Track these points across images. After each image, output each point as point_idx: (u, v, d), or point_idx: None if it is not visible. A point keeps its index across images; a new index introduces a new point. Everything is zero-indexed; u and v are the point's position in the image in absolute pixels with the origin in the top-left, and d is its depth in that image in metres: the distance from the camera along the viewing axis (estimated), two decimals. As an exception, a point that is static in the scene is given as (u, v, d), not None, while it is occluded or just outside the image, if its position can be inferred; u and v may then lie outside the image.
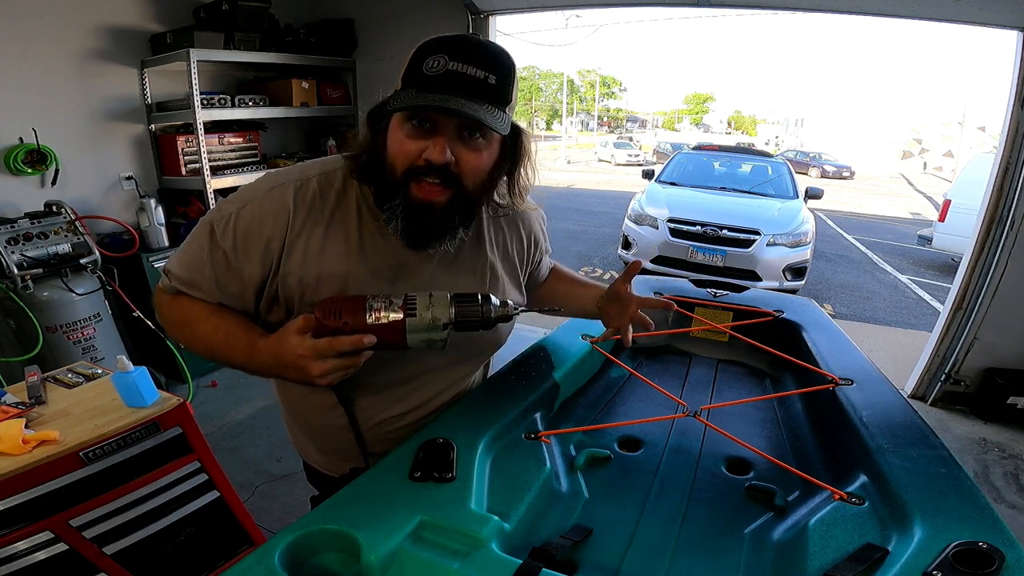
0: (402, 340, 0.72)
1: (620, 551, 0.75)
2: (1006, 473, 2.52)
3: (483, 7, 3.17)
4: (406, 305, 0.72)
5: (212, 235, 0.79)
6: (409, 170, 0.73)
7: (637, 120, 60.86)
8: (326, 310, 0.71)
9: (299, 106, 3.35)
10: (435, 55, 0.69)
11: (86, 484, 1.24)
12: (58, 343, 2.37)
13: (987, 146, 17.88)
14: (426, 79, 0.69)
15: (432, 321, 0.72)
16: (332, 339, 0.70)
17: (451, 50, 0.69)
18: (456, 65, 0.68)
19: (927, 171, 26.24)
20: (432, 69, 0.68)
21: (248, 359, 0.77)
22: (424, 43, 0.71)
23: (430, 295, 0.73)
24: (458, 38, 0.71)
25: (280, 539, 0.64)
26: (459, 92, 0.68)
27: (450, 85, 0.68)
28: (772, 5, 3.12)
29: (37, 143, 2.45)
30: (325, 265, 0.79)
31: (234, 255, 0.78)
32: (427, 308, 0.72)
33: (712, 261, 4.81)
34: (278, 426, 2.60)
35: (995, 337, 2.87)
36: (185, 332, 0.83)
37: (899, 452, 0.83)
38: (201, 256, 0.79)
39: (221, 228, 0.78)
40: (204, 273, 0.80)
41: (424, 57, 0.70)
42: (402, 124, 0.73)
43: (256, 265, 0.79)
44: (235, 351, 0.78)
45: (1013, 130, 2.62)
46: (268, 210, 0.78)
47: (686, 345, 1.51)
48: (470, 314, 0.73)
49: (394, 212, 0.75)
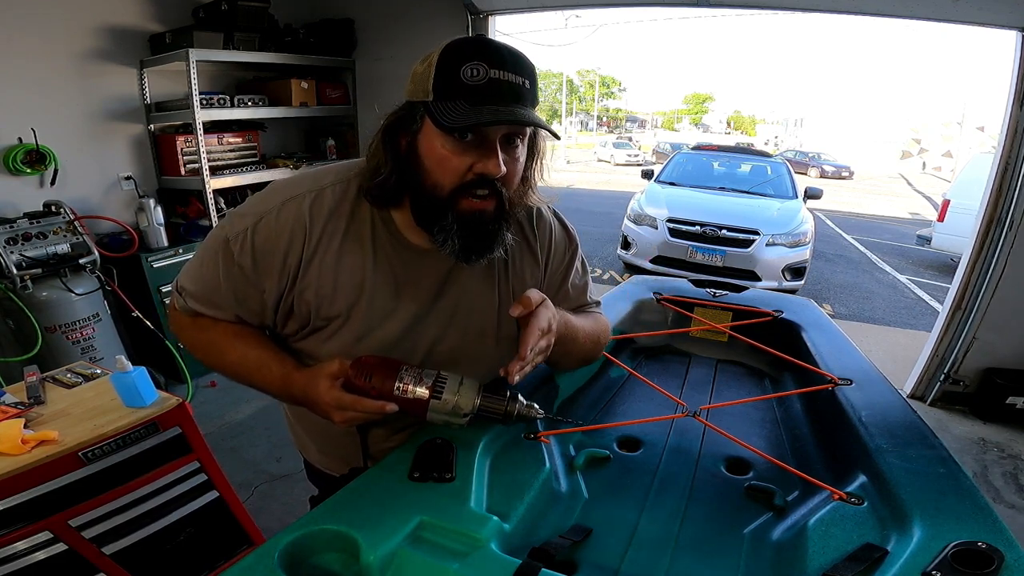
0: (422, 415, 0.76)
1: (620, 551, 0.75)
2: (1005, 473, 2.52)
3: (483, 7, 3.17)
4: (435, 385, 0.74)
5: (227, 251, 0.77)
6: (459, 187, 0.71)
7: (636, 120, 60.88)
8: (358, 370, 0.74)
9: (298, 106, 3.35)
10: (472, 63, 0.66)
11: (85, 484, 1.24)
12: (57, 343, 2.37)
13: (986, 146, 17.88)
14: (471, 89, 0.66)
15: (455, 408, 0.75)
16: (357, 399, 0.73)
17: (487, 57, 0.66)
18: (497, 73, 0.66)
19: (926, 171, 26.25)
20: (474, 78, 0.66)
21: (281, 389, 0.80)
22: (451, 49, 0.68)
23: (461, 380, 0.75)
24: (485, 42, 0.69)
25: (280, 539, 0.64)
26: (508, 100, 0.67)
27: (499, 94, 0.66)
28: (772, 5, 3.12)
29: (36, 143, 2.45)
30: (342, 276, 0.79)
31: (252, 271, 0.77)
32: (454, 394, 0.74)
33: (711, 261, 4.81)
34: (278, 426, 2.60)
35: (994, 337, 2.87)
36: (211, 357, 0.84)
37: (898, 452, 0.83)
38: (217, 273, 0.78)
39: (238, 245, 0.76)
40: (221, 291, 0.79)
41: (459, 65, 0.66)
42: (443, 139, 0.69)
43: (274, 280, 0.78)
44: (268, 380, 0.81)
45: (1012, 130, 2.62)
46: (285, 224, 0.76)
47: (686, 345, 1.52)
48: (494, 410, 0.77)
49: (448, 232, 0.73)
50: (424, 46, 0.73)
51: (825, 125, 34.81)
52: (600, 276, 5.99)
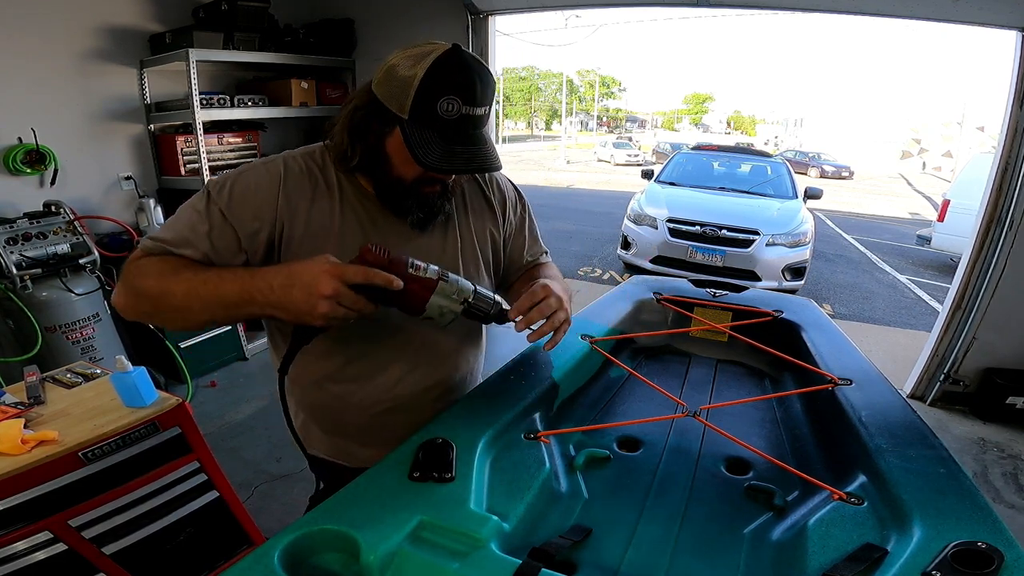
0: (425, 299, 0.78)
1: (619, 551, 0.75)
2: (1005, 473, 2.52)
3: (483, 7, 3.17)
4: (442, 271, 0.80)
5: (208, 196, 0.82)
6: (418, 180, 0.84)
7: (636, 120, 60.89)
8: (375, 245, 0.76)
9: (298, 106, 3.35)
10: (448, 98, 0.74)
11: (85, 484, 1.24)
12: (57, 343, 2.37)
13: (986, 146, 17.89)
14: (444, 124, 0.75)
15: (457, 294, 0.79)
16: (367, 268, 0.73)
17: (462, 93, 0.75)
18: (468, 109, 0.76)
19: (926, 171, 26.25)
20: (448, 113, 0.75)
21: (245, 282, 0.75)
22: (433, 75, 0.74)
23: (460, 277, 0.82)
24: (464, 76, 0.75)
25: (279, 539, 0.64)
26: (473, 133, 0.78)
27: (466, 129, 0.77)
28: (772, 5, 3.13)
29: (36, 143, 2.45)
30: (314, 219, 0.86)
31: (228, 211, 0.81)
32: (456, 283, 0.80)
33: (711, 261, 4.81)
34: (278, 426, 2.61)
35: (994, 337, 2.87)
36: (161, 282, 0.78)
37: (898, 452, 0.83)
38: (194, 216, 0.82)
39: (217, 190, 0.83)
40: (197, 229, 0.81)
41: (437, 96, 0.74)
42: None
43: (249, 221, 0.82)
44: (226, 282, 0.76)
45: (1012, 130, 2.63)
46: (262, 174, 0.85)
47: (685, 345, 1.51)
48: (484, 306, 0.82)
49: (409, 209, 0.87)
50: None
51: (825, 125, 34.81)
52: (600, 276, 5.99)
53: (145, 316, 0.83)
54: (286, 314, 0.74)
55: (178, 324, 0.83)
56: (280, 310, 0.74)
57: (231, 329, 3.15)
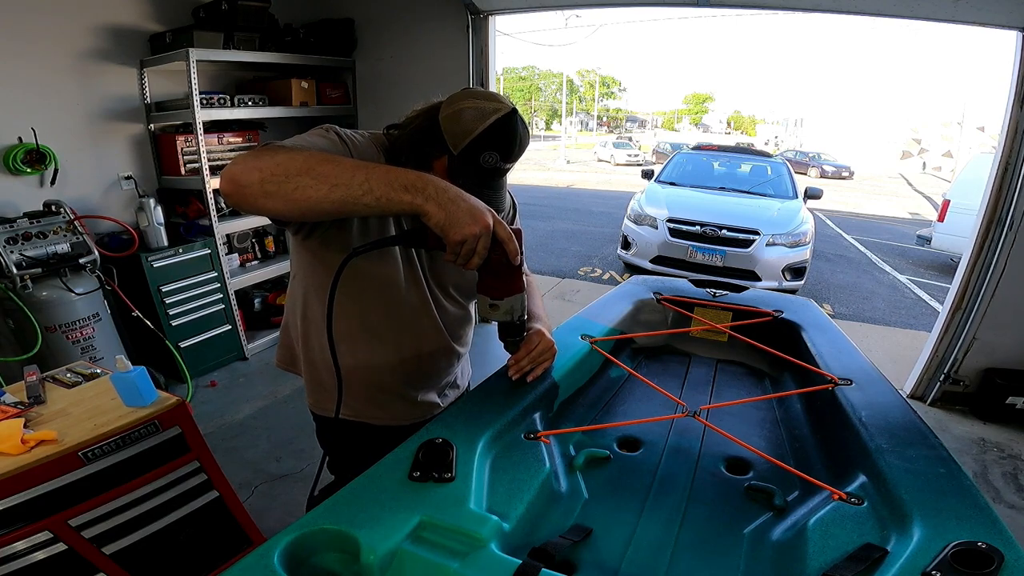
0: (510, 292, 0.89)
1: (619, 551, 0.75)
2: (1005, 473, 2.52)
3: (483, 7, 3.17)
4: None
5: (325, 128, 0.91)
6: None
7: (636, 120, 60.86)
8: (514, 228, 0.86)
9: (298, 106, 3.35)
10: (492, 152, 0.90)
11: (85, 484, 1.24)
12: (57, 343, 2.38)
13: (986, 146, 17.89)
14: (480, 169, 0.90)
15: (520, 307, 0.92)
16: (512, 233, 0.83)
17: (503, 151, 0.90)
18: (502, 164, 0.91)
19: (926, 171, 26.26)
20: (487, 163, 0.90)
21: (421, 174, 0.76)
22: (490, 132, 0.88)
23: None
24: (510, 138, 0.90)
25: (280, 539, 0.64)
26: (499, 181, 0.94)
27: (494, 177, 0.93)
28: (772, 5, 3.13)
29: (36, 143, 2.45)
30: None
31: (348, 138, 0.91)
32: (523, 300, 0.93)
33: (711, 261, 4.81)
34: (278, 426, 2.61)
35: (994, 337, 2.87)
36: (311, 154, 0.76)
37: (898, 452, 0.83)
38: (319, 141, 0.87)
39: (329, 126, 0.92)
40: (332, 143, 0.88)
41: (485, 147, 0.89)
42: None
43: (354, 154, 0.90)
44: (395, 169, 0.77)
45: (1012, 130, 2.62)
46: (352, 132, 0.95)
47: (685, 345, 1.51)
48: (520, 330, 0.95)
49: None
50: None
51: (825, 125, 34.83)
52: (600, 276, 5.99)
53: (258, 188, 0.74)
54: (438, 217, 0.76)
55: (299, 199, 0.74)
56: (439, 209, 0.76)
57: (231, 329, 3.15)
